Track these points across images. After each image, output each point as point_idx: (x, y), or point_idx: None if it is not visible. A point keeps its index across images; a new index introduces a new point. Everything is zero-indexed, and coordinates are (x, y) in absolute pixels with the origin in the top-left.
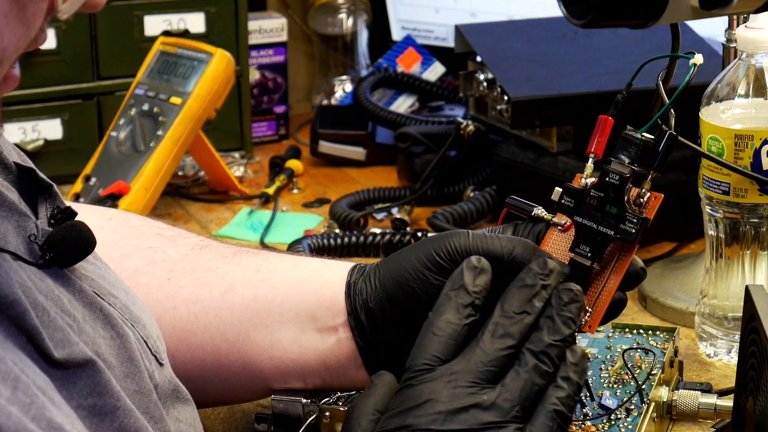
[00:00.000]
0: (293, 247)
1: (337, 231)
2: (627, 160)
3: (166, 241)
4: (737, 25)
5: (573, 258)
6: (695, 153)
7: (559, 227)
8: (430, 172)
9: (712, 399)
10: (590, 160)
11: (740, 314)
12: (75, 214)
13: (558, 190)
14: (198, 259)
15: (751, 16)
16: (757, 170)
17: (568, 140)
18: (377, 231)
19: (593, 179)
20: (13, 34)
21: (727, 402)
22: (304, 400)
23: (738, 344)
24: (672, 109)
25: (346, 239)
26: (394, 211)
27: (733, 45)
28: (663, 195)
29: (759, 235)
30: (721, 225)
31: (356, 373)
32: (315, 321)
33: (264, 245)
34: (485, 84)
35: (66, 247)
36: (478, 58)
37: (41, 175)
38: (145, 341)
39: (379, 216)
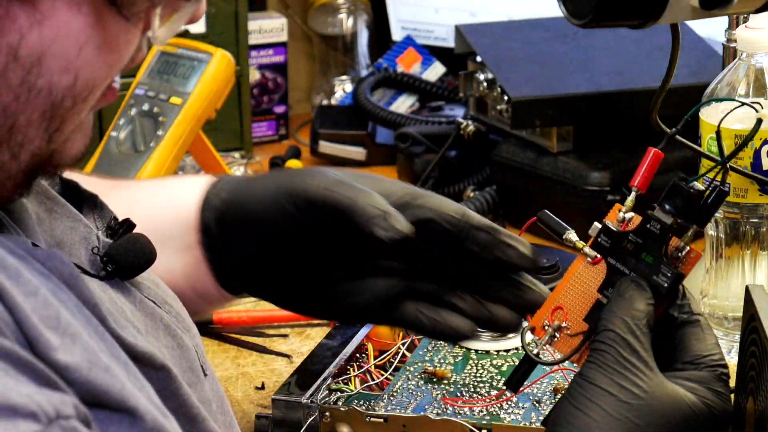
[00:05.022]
0: None
1: None
2: (672, 211)
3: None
4: (737, 25)
5: (599, 299)
6: (695, 153)
7: (589, 259)
8: (430, 172)
9: None
10: (633, 193)
11: (740, 314)
12: (134, 225)
13: (597, 225)
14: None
15: (751, 16)
16: (757, 170)
17: (568, 140)
18: None
19: (632, 214)
20: (104, 63)
21: None
22: (304, 401)
23: (738, 344)
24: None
25: None
26: None
27: (733, 45)
28: (702, 254)
29: (759, 235)
30: (721, 225)
31: (218, 293)
32: (173, 239)
33: None
34: (485, 84)
35: (129, 260)
36: (478, 58)
37: (83, 187)
38: (195, 350)
39: None
